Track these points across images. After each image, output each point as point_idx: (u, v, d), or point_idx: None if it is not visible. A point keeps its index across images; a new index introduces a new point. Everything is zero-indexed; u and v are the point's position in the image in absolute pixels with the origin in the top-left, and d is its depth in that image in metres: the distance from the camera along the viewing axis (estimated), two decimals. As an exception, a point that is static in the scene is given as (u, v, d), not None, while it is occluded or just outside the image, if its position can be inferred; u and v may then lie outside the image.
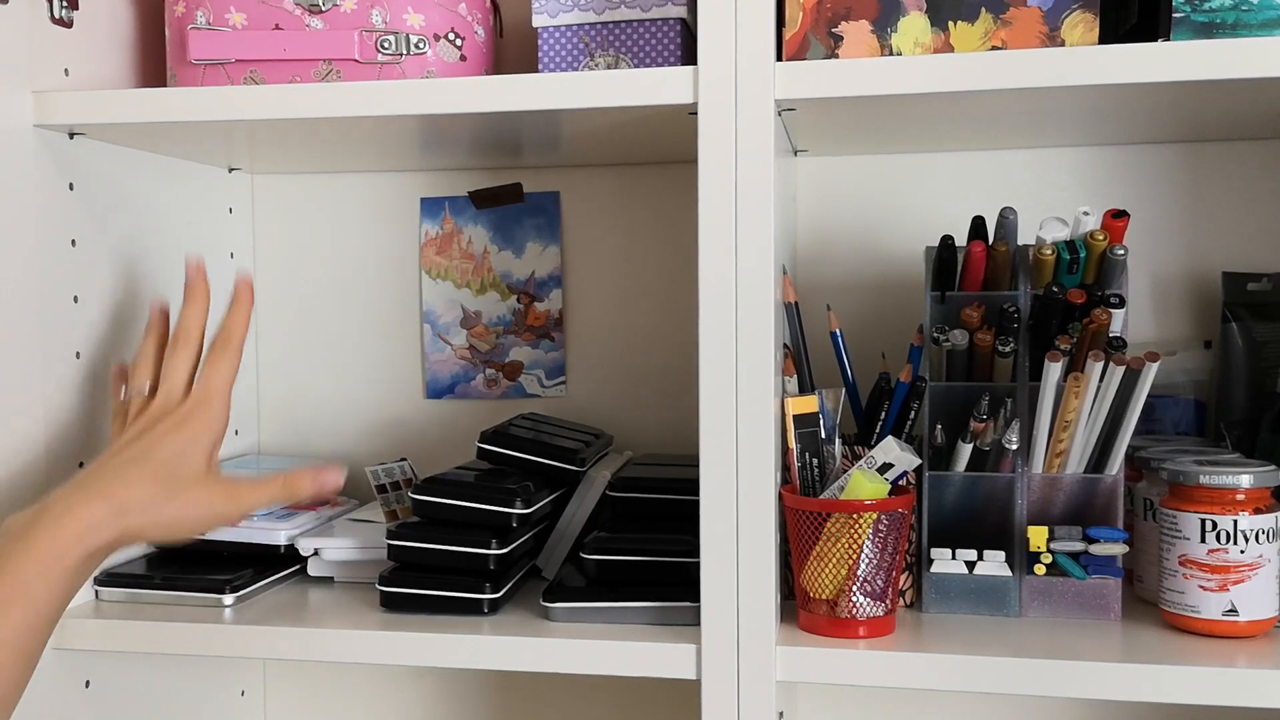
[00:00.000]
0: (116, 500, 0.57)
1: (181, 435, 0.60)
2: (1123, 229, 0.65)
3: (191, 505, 0.59)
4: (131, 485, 0.58)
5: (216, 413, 0.61)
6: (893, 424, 0.70)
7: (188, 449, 0.59)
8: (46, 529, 0.55)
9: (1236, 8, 0.56)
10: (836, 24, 0.61)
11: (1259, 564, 0.62)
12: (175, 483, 0.58)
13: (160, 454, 0.59)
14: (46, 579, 0.54)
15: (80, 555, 0.56)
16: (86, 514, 0.56)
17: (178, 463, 0.59)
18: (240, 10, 0.70)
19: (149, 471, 0.58)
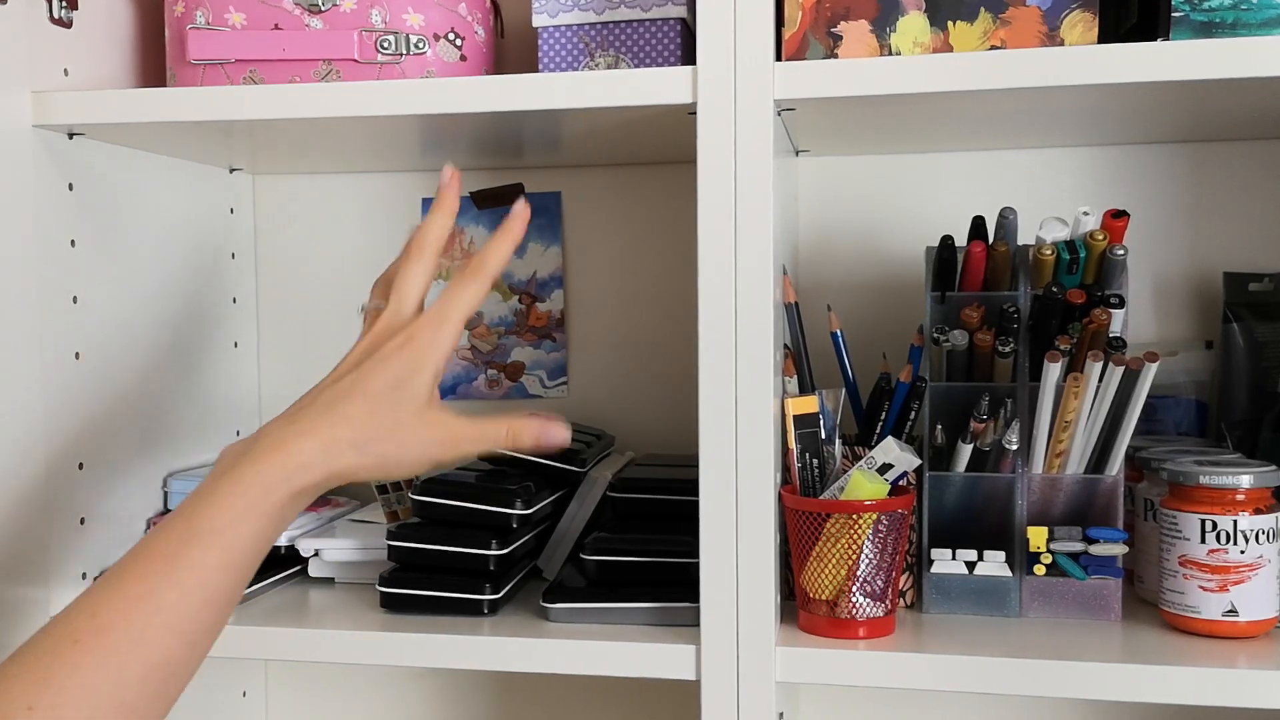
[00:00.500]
0: (329, 437, 0.51)
1: (404, 357, 0.52)
2: (1123, 229, 0.65)
3: (407, 444, 0.52)
4: (346, 421, 0.51)
5: (446, 336, 0.53)
6: (893, 424, 0.70)
7: (410, 375, 0.52)
8: (253, 464, 0.50)
9: (1236, 7, 0.56)
10: (836, 24, 0.61)
11: (1259, 564, 0.61)
12: (392, 417, 0.52)
13: (379, 382, 0.52)
14: (249, 518, 0.49)
15: (286, 494, 0.50)
16: (297, 450, 0.51)
17: (397, 392, 0.52)
18: (240, 10, 0.70)
19: (366, 405, 0.52)
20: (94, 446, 0.75)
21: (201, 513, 0.49)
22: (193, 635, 0.48)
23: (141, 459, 0.80)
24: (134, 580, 0.48)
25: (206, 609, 0.49)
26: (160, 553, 0.48)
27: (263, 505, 0.50)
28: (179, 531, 0.49)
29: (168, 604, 0.47)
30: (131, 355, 0.79)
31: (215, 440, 0.89)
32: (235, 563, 0.50)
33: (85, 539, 0.74)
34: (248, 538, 0.50)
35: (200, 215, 0.88)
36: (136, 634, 0.47)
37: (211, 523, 0.49)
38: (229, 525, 0.49)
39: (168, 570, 0.48)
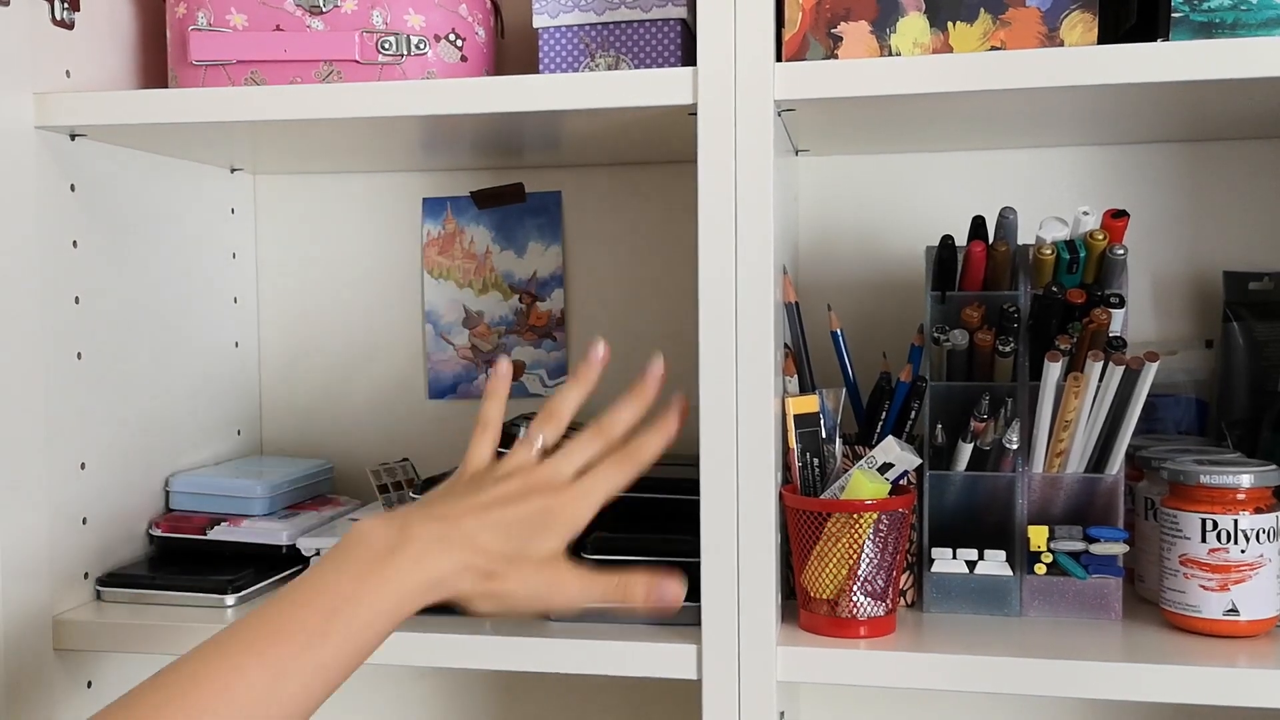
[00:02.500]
0: (469, 560, 0.53)
1: (548, 518, 0.56)
2: (1122, 229, 0.65)
3: (522, 583, 0.54)
4: (483, 551, 0.54)
5: (584, 513, 0.57)
6: (893, 424, 0.70)
7: (544, 532, 0.55)
8: (403, 571, 0.51)
9: (1235, 7, 0.56)
10: (836, 25, 0.61)
11: (1260, 563, 0.62)
12: (519, 557, 0.54)
13: (521, 528, 0.55)
14: (380, 623, 0.51)
15: (417, 606, 0.52)
16: (442, 566, 0.52)
17: (532, 542, 0.55)
18: (241, 11, 0.70)
19: (504, 540, 0.54)
20: (96, 446, 0.75)
21: (342, 610, 0.50)
22: (303, 710, 0.50)
23: (143, 459, 0.80)
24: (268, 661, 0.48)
25: (315, 702, 0.50)
26: (296, 642, 0.49)
27: (398, 613, 0.52)
28: (317, 621, 0.50)
29: (291, 693, 0.48)
30: (133, 355, 0.79)
31: (215, 438, 0.89)
32: (355, 664, 0.51)
33: (88, 539, 0.74)
34: (373, 643, 0.51)
35: (201, 215, 0.88)
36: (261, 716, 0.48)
37: (349, 625, 0.50)
38: (363, 629, 0.50)
39: (299, 660, 0.49)
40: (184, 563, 0.77)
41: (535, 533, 0.55)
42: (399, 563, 0.51)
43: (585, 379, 0.62)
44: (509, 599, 0.54)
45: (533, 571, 0.55)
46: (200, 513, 0.80)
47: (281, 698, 0.48)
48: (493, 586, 0.54)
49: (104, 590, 0.75)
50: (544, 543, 0.55)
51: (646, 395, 0.61)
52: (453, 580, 0.53)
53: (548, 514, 0.56)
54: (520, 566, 0.54)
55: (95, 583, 0.75)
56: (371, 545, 0.52)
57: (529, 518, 0.55)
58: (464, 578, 0.53)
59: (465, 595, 0.54)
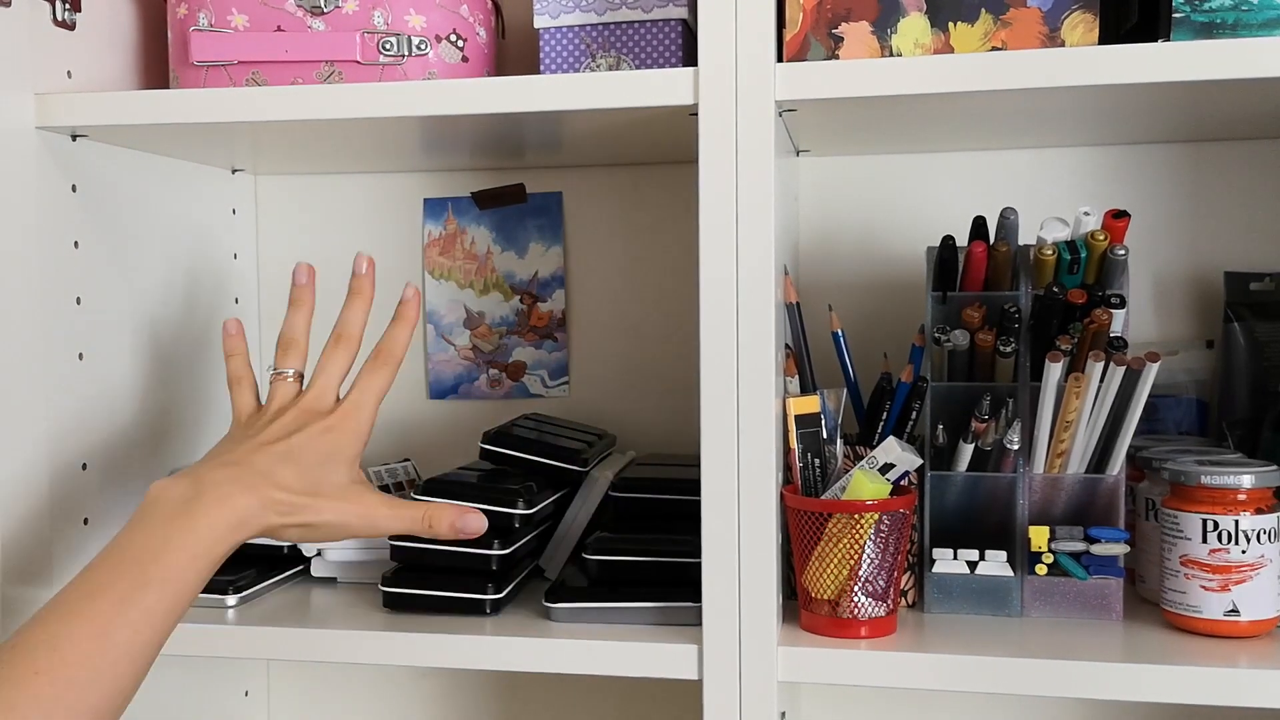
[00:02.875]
0: (268, 495, 0.56)
1: (329, 440, 0.58)
2: (1123, 229, 0.65)
3: (329, 513, 0.57)
4: (282, 483, 0.56)
5: (364, 425, 0.60)
6: (894, 424, 0.70)
7: (334, 456, 0.58)
8: (204, 514, 0.54)
9: (1236, 8, 0.56)
10: (836, 25, 0.61)
11: (1260, 564, 0.62)
12: (319, 488, 0.57)
13: (309, 456, 0.58)
14: (195, 566, 0.54)
15: (229, 546, 0.55)
16: (243, 505, 0.55)
17: (324, 468, 0.58)
18: (242, 12, 0.70)
19: (298, 472, 0.57)
20: (97, 447, 0.75)
21: (156, 559, 0.53)
22: (139, 669, 0.52)
23: (145, 459, 0.80)
24: (90, 617, 0.51)
25: (151, 647, 0.53)
26: (116, 593, 0.52)
27: (210, 555, 0.55)
28: (132, 574, 0.53)
29: (122, 642, 0.51)
30: (134, 356, 0.79)
31: (217, 438, 0.89)
32: (180, 606, 0.54)
33: (89, 539, 0.74)
34: (193, 585, 0.54)
35: (202, 216, 0.88)
36: (94, 669, 0.50)
37: (165, 570, 0.53)
38: (179, 573, 0.53)
39: (123, 611, 0.52)
40: (185, 563, 0.77)
41: (324, 457, 0.58)
42: (199, 508, 0.54)
43: (303, 301, 0.65)
44: (319, 529, 0.58)
45: (338, 500, 0.58)
46: (201, 513, 0.80)
47: (110, 649, 0.51)
48: (299, 518, 0.57)
49: (105, 590, 0.75)
50: (337, 466, 0.58)
51: (364, 289, 0.65)
52: (257, 516, 0.56)
53: (329, 433, 0.59)
54: (323, 497, 0.57)
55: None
56: (170, 499, 0.55)
57: (313, 443, 0.58)
58: (267, 513, 0.56)
59: (273, 528, 0.57)
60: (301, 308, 0.65)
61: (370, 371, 0.62)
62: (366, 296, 0.64)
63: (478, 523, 0.60)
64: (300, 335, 0.64)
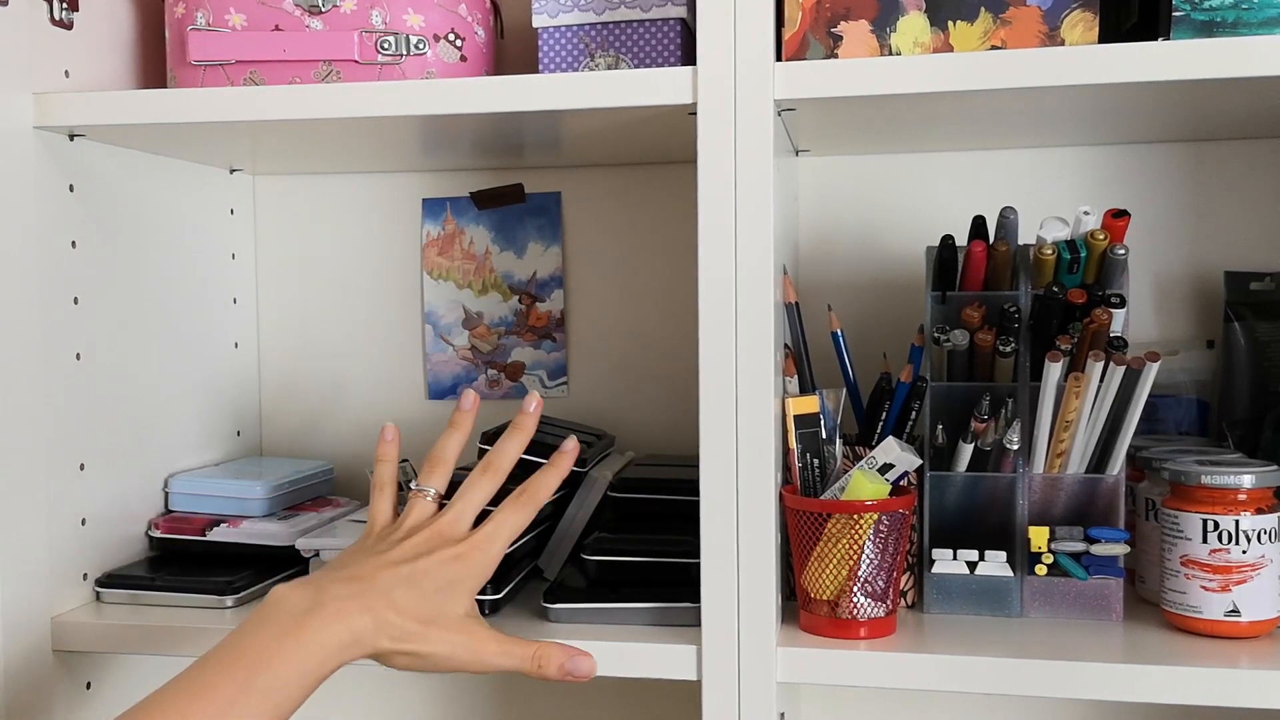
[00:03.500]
0: (385, 618, 0.55)
1: (455, 569, 0.57)
2: (1123, 228, 0.65)
3: (440, 644, 0.56)
4: (401, 606, 0.56)
5: (492, 558, 0.59)
6: (893, 424, 0.70)
7: (456, 587, 0.57)
8: (319, 630, 0.53)
9: (1236, 6, 0.56)
10: (836, 24, 0.61)
11: (1261, 564, 0.61)
12: (436, 618, 0.56)
13: (432, 582, 0.57)
14: (302, 682, 0.53)
15: (338, 664, 0.54)
16: (359, 625, 0.54)
17: (444, 598, 0.57)
18: (240, 11, 0.70)
19: (419, 597, 0.56)
20: (95, 447, 0.75)
21: (265, 666, 0.52)
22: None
23: (142, 459, 0.80)
24: (191, 717, 0.50)
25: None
26: (221, 697, 0.51)
27: (318, 672, 0.53)
28: (240, 678, 0.51)
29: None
30: (132, 356, 0.79)
31: (216, 440, 0.89)
32: (280, 712, 0.52)
33: (87, 539, 0.74)
34: (296, 699, 0.53)
35: (200, 216, 0.88)
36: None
37: (271, 680, 0.52)
38: (284, 685, 0.52)
39: (231, 706, 0.51)
40: (183, 564, 0.77)
41: (447, 586, 0.57)
42: (316, 622, 0.53)
43: (462, 426, 0.64)
44: (427, 659, 0.57)
45: (450, 632, 0.57)
46: (200, 514, 0.80)
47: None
48: (410, 646, 0.56)
49: (103, 591, 0.75)
50: (457, 597, 0.58)
51: (528, 427, 0.63)
52: (370, 637, 0.55)
53: (457, 562, 0.58)
54: (436, 627, 0.56)
55: (94, 584, 0.75)
56: (288, 608, 0.54)
57: (438, 570, 0.57)
58: (381, 635, 0.55)
59: (383, 653, 0.56)
60: (457, 431, 0.63)
61: (511, 509, 0.60)
62: (525, 432, 0.64)
63: (589, 666, 0.59)
64: (450, 457, 0.63)
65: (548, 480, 0.62)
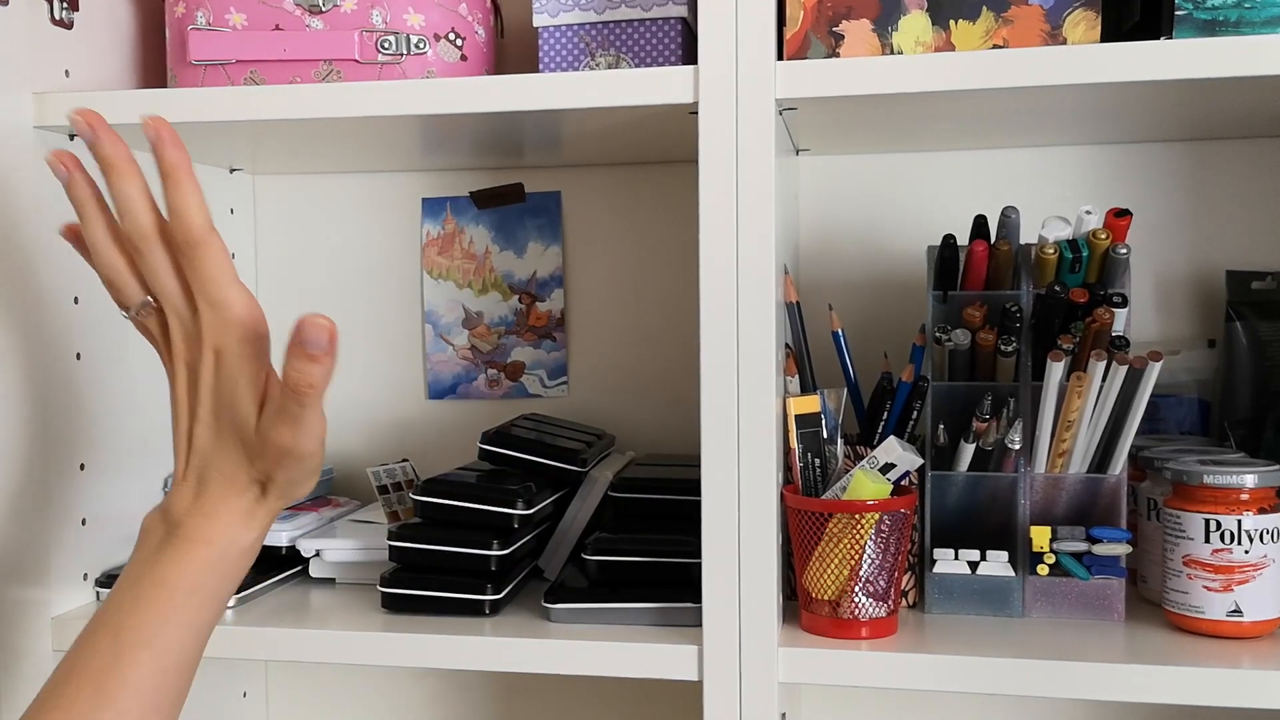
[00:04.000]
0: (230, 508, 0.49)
1: (222, 377, 0.48)
2: (1125, 228, 0.65)
3: (272, 467, 0.49)
4: (230, 480, 0.49)
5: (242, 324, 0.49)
6: (895, 424, 0.70)
7: (231, 396, 0.48)
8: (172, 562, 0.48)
9: (1239, 5, 0.56)
10: (837, 23, 0.61)
11: (1263, 564, 0.61)
12: (243, 451, 0.49)
13: (222, 421, 0.49)
14: (177, 620, 0.46)
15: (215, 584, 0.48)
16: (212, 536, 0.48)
17: (230, 421, 0.49)
18: (240, 11, 0.70)
19: (227, 452, 0.49)
20: (95, 447, 0.75)
21: (126, 622, 0.46)
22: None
23: (143, 459, 0.80)
24: (66, 706, 0.45)
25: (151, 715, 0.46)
26: (92, 672, 0.45)
27: (190, 603, 0.47)
28: (106, 644, 0.46)
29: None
30: (132, 355, 0.79)
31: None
32: (171, 667, 0.46)
33: (87, 540, 0.74)
34: (180, 639, 0.47)
35: (201, 216, 0.87)
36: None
37: (139, 633, 0.46)
38: (156, 633, 0.46)
39: (99, 691, 0.45)
40: (183, 564, 0.77)
41: (228, 408, 0.49)
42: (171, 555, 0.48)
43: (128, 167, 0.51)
44: (281, 490, 0.50)
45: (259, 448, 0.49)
46: (200, 513, 0.80)
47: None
48: (265, 501, 0.50)
49: (104, 591, 0.74)
50: (238, 409, 0.49)
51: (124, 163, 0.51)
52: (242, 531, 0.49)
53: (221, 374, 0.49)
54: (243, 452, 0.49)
55: (94, 584, 0.75)
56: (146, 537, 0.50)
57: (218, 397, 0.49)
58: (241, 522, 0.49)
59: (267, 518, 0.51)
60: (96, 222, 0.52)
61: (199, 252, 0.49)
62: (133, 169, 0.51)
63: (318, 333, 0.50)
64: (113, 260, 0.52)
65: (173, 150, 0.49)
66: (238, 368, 0.50)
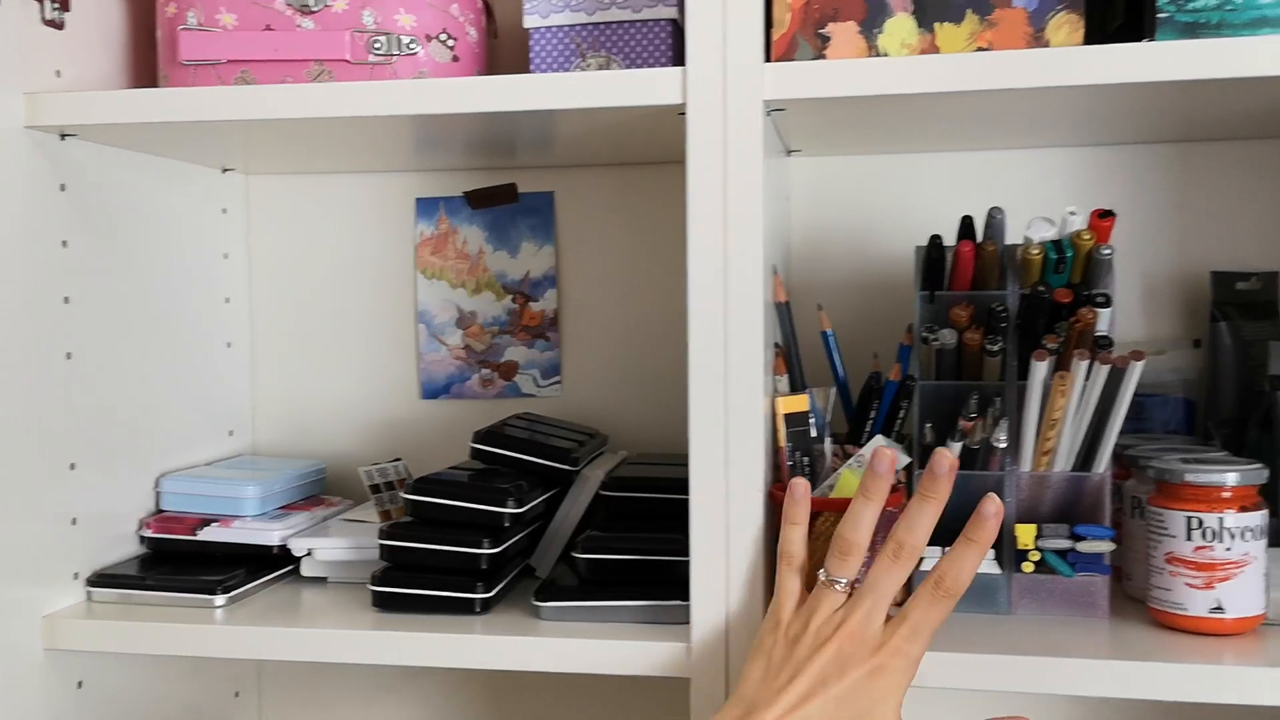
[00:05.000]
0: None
1: (875, 687, 0.51)
2: (1109, 229, 0.65)
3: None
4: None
5: (913, 664, 0.52)
6: (882, 423, 0.70)
7: (879, 708, 0.51)
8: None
9: (1220, 7, 0.57)
10: (824, 25, 0.61)
11: (1245, 561, 0.62)
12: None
13: (851, 712, 0.51)
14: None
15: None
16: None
17: (873, 713, 0.51)
18: (231, 11, 0.70)
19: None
20: (86, 446, 0.75)
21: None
22: None
23: (133, 459, 0.80)
24: None
25: None
26: None
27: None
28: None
29: None
30: (123, 355, 0.79)
31: (208, 440, 0.89)
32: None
33: (78, 539, 0.74)
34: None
35: (192, 215, 0.88)
36: None
37: None
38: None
39: None
40: (175, 563, 0.77)
41: (868, 711, 0.51)
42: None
43: (875, 493, 0.56)
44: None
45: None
46: (191, 513, 0.80)
47: None
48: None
49: (94, 590, 0.75)
50: (882, 711, 0.51)
51: (940, 493, 0.54)
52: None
53: (877, 678, 0.51)
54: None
55: (85, 583, 0.75)
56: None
57: (856, 693, 0.51)
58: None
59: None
60: (872, 502, 0.55)
61: (930, 602, 0.53)
62: (939, 501, 0.55)
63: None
64: (864, 539, 0.56)
65: (967, 562, 0.53)
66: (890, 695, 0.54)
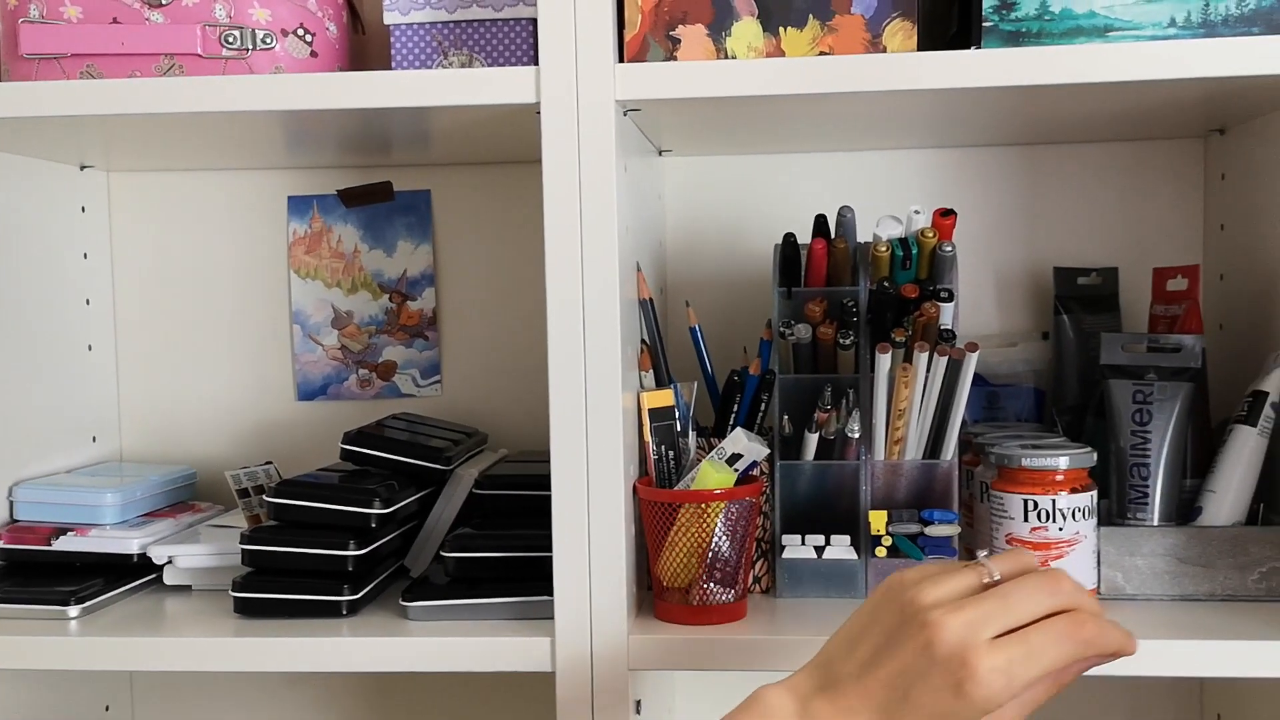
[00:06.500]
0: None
1: (948, 706, 0.47)
2: (951, 226, 0.68)
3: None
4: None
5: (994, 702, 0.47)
6: (745, 416, 0.72)
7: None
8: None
9: (1040, 18, 0.60)
10: (674, 27, 0.62)
11: (1076, 540, 0.66)
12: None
13: (926, 712, 0.48)
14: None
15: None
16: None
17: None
18: (76, 3, 0.68)
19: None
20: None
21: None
22: None
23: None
24: None
25: None
26: None
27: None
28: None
29: None
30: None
31: (68, 445, 0.86)
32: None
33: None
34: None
35: (48, 214, 0.84)
36: None
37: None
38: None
39: None
40: (29, 575, 0.74)
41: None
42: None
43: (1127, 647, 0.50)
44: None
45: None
46: (46, 523, 0.77)
47: None
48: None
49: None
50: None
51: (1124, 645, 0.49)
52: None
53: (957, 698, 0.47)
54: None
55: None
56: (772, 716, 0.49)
57: (931, 700, 0.48)
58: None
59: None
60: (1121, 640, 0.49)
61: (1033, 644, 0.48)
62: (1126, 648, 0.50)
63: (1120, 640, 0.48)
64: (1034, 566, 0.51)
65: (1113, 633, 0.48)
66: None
